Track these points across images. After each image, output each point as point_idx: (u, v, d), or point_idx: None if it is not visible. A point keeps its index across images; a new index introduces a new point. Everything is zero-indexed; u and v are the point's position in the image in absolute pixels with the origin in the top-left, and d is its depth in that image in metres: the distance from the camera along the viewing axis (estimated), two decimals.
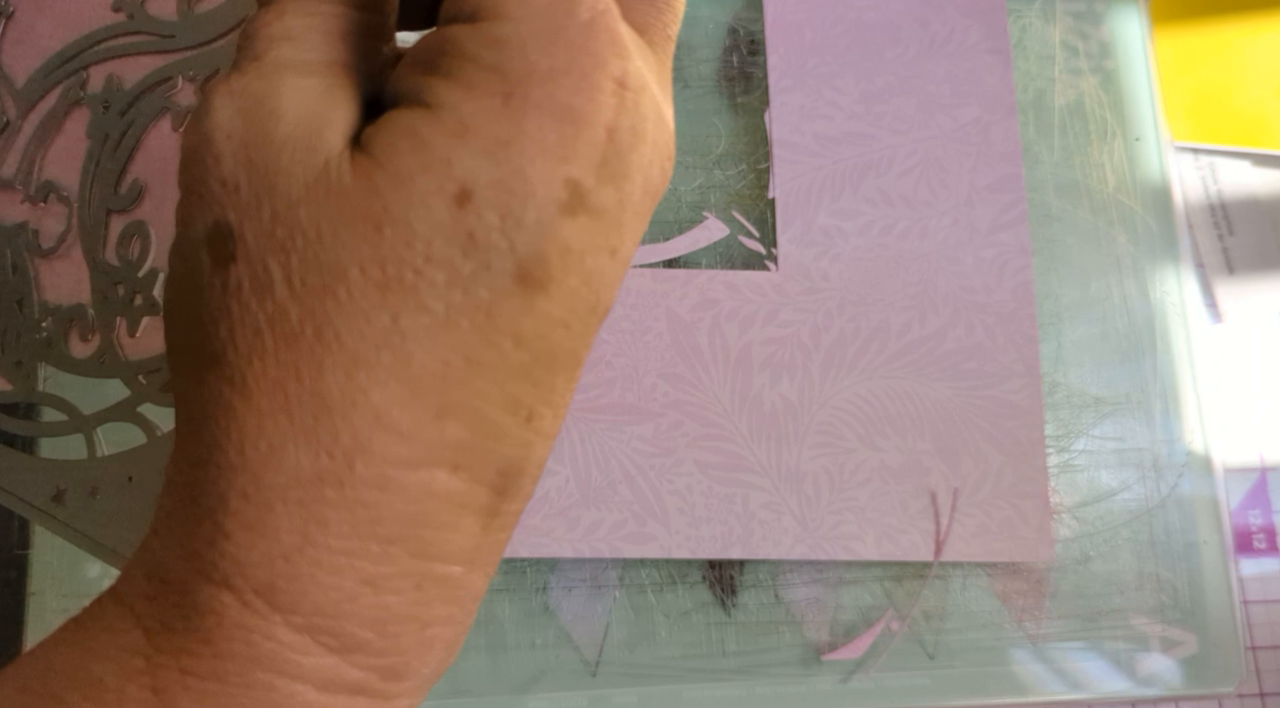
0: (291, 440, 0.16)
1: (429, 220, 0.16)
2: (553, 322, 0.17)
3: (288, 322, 0.16)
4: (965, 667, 0.37)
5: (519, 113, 0.16)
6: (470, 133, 0.16)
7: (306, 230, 0.16)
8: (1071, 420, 0.39)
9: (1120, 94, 0.42)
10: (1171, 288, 0.40)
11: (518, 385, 0.17)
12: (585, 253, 0.17)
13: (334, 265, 0.16)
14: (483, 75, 0.17)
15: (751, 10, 0.41)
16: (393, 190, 0.16)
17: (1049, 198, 0.40)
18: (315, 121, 0.17)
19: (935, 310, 0.38)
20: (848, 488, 0.36)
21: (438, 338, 0.16)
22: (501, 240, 0.16)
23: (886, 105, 0.40)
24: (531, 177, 0.16)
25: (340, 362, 0.16)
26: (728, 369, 0.37)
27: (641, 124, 0.18)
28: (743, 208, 0.39)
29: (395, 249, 0.16)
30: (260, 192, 0.16)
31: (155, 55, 0.26)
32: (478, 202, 0.16)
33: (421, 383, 0.16)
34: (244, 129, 0.17)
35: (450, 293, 0.16)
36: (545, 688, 0.35)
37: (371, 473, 0.16)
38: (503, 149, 0.16)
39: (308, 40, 0.18)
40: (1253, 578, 0.40)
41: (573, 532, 0.35)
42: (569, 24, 0.17)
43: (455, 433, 0.17)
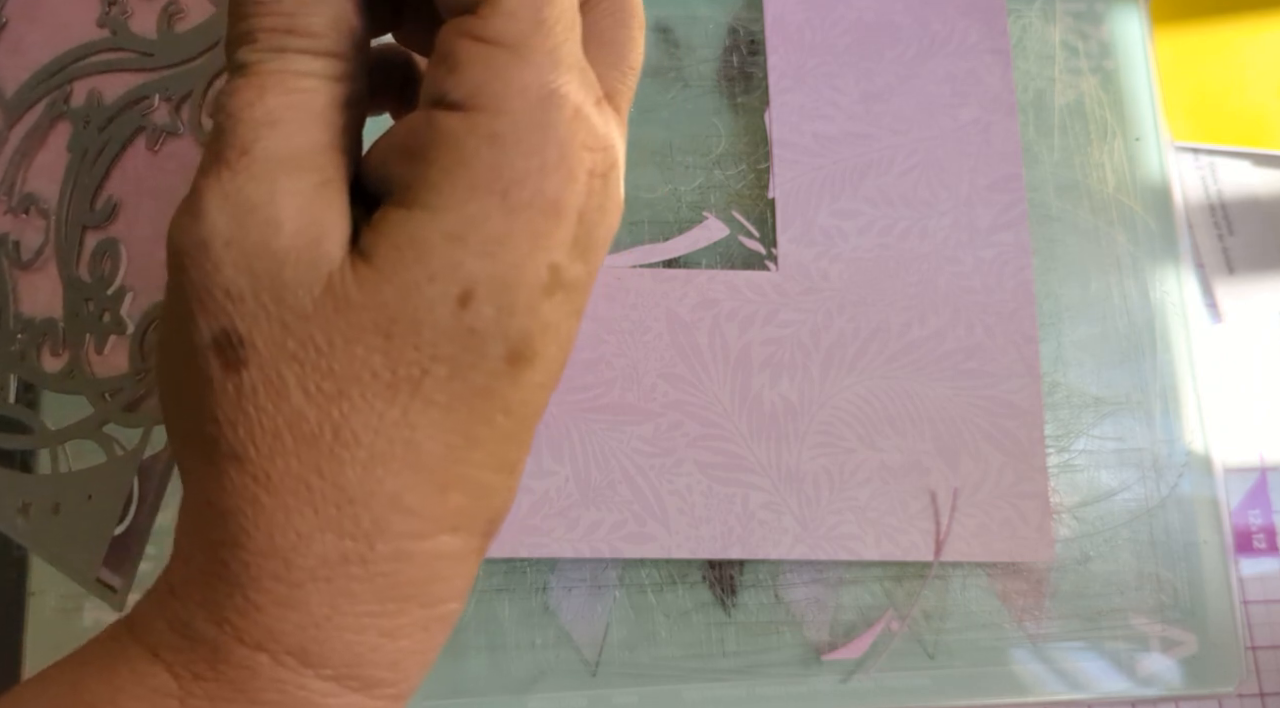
0: (318, 529, 0.17)
1: (435, 325, 0.17)
2: (535, 387, 0.19)
3: (306, 424, 0.17)
4: (965, 667, 0.37)
5: (514, 210, 0.17)
6: (470, 235, 0.17)
7: (318, 342, 0.17)
8: (1071, 420, 0.39)
9: (1120, 94, 0.42)
10: (1171, 288, 0.40)
11: (506, 447, 0.19)
12: (560, 323, 0.18)
13: (347, 373, 0.17)
14: (484, 174, 0.17)
15: (751, 10, 0.41)
16: (400, 301, 0.17)
17: (1049, 198, 0.40)
18: (313, 231, 0.17)
19: (935, 310, 0.38)
20: (848, 488, 0.36)
21: (441, 424, 0.18)
22: (495, 329, 0.18)
23: (886, 105, 0.40)
24: (523, 268, 0.18)
25: (358, 457, 0.17)
26: (728, 369, 0.37)
27: (608, 202, 0.19)
28: (743, 208, 0.39)
29: (404, 353, 0.17)
30: (267, 303, 0.17)
31: (135, 73, 0.26)
32: (478, 299, 0.17)
33: (428, 466, 0.18)
34: (242, 238, 0.17)
35: (452, 384, 0.18)
36: (545, 688, 0.35)
37: (390, 549, 0.18)
38: (499, 246, 0.17)
39: (292, 124, 0.18)
40: (1253, 578, 0.40)
41: (573, 532, 0.35)
42: (558, 119, 0.18)
43: (456, 502, 0.18)
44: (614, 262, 0.38)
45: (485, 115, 0.17)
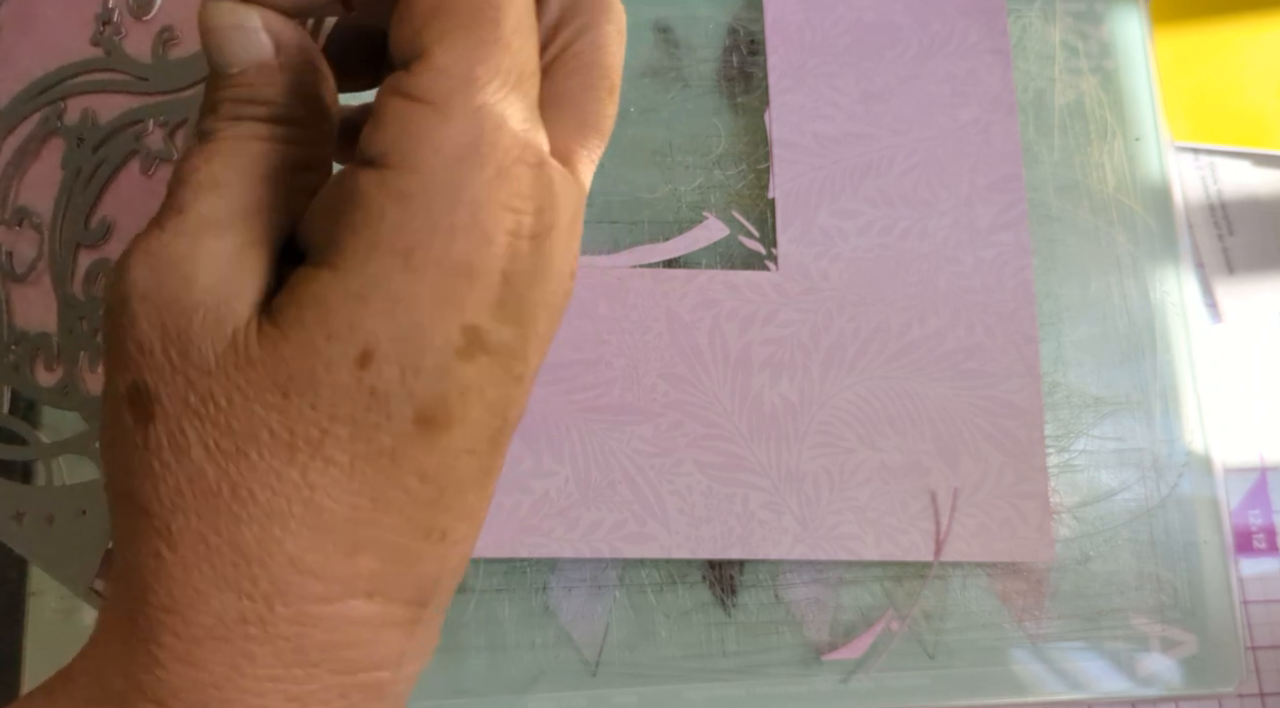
0: (215, 587, 0.17)
1: (333, 385, 0.17)
2: (457, 452, 0.18)
3: (205, 480, 0.17)
4: (965, 667, 0.37)
5: (418, 271, 0.17)
6: (372, 295, 0.17)
7: (218, 399, 0.17)
8: (1071, 420, 0.39)
9: (1120, 94, 0.42)
10: (1171, 288, 0.40)
11: (427, 514, 0.18)
12: (486, 387, 0.18)
13: (245, 431, 0.17)
14: (386, 233, 0.17)
15: (751, 10, 0.41)
16: (298, 360, 0.17)
17: (1049, 198, 0.40)
18: (224, 289, 0.18)
19: (935, 310, 0.38)
20: (848, 488, 0.36)
21: (345, 486, 0.17)
22: (401, 390, 0.17)
23: (886, 105, 0.40)
24: (429, 329, 0.17)
25: (255, 516, 0.17)
26: (728, 369, 0.37)
27: (543, 265, 0.18)
28: (743, 208, 0.39)
29: (302, 412, 0.17)
30: (175, 358, 0.17)
31: (129, 95, 0.26)
32: (378, 359, 0.17)
33: (332, 527, 0.18)
34: (156, 292, 0.18)
35: (354, 445, 0.17)
36: (545, 688, 0.35)
37: (290, 611, 0.17)
38: (402, 307, 0.17)
39: (234, 186, 0.18)
40: (1253, 578, 0.40)
41: (573, 532, 0.35)
42: (475, 179, 0.17)
43: (368, 565, 0.18)
44: (614, 262, 0.38)
45: (396, 172, 0.17)
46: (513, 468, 0.36)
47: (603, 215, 0.39)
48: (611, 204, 0.39)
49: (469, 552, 0.20)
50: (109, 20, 0.26)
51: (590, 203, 0.39)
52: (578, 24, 0.20)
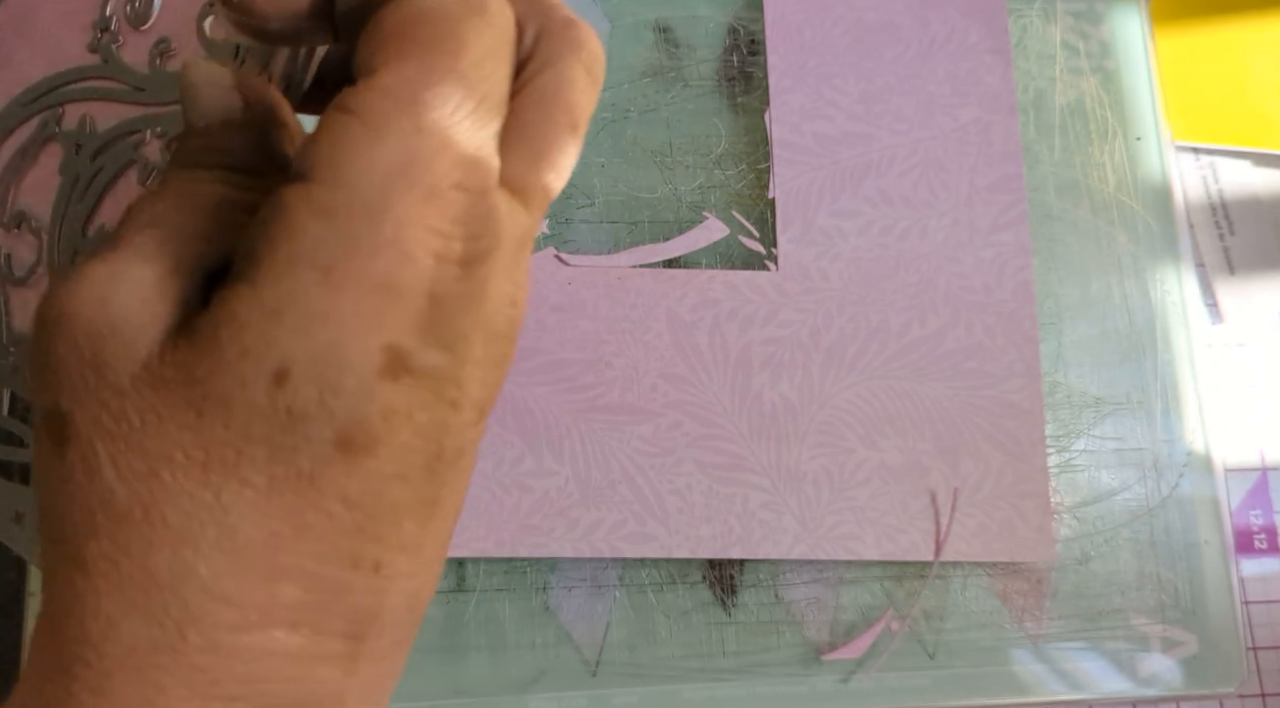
0: (125, 614, 0.17)
1: (247, 404, 0.17)
2: (385, 477, 0.18)
3: (117, 503, 0.17)
4: (965, 667, 0.37)
5: (337, 288, 0.17)
6: (287, 310, 0.17)
7: (132, 419, 0.17)
8: (1071, 420, 0.39)
9: (1121, 94, 0.42)
10: (1172, 288, 0.40)
11: (354, 542, 0.18)
12: (414, 411, 0.18)
13: (158, 451, 0.17)
14: (306, 248, 0.17)
15: (751, 10, 0.41)
16: (212, 378, 0.17)
17: (1049, 198, 0.40)
18: (141, 312, 0.17)
19: (935, 310, 0.38)
20: (848, 488, 0.36)
21: (262, 509, 0.17)
22: (320, 412, 0.17)
23: (886, 105, 0.40)
24: (348, 347, 0.17)
25: (167, 540, 0.17)
26: (728, 369, 0.37)
27: (476, 291, 0.18)
28: (743, 208, 0.39)
29: (215, 432, 0.17)
30: (90, 379, 0.17)
31: (127, 104, 0.26)
32: (295, 378, 0.17)
33: (248, 552, 0.17)
34: (75, 314, 0.17)
35: (271, 467, 0.17)
36: (545, 688, 0.35)
37: (203, 640, 0.17)
38: (319, 324, 0.17)
39: (173, 223, 0.18)
40: (1253, 578, 0.40)
41: (573, 532, 0.35)
42: (402, 198, 0.17)
43: (289, 594, 0.17)
44: (614, 261, 0.38)
45: (322, 187, 0.17)
46: (513, 468, 0.36)
47: (603, 215, 0.39)
48: (611, 204, 0.39)
49: (419, 588, 0.19)
50: (107, 28, 0.26)
51: (590, 203, 0.39)
52: (543, 58, 0.20)
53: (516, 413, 0.36)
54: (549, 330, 0.37)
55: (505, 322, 0.19)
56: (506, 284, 0.19)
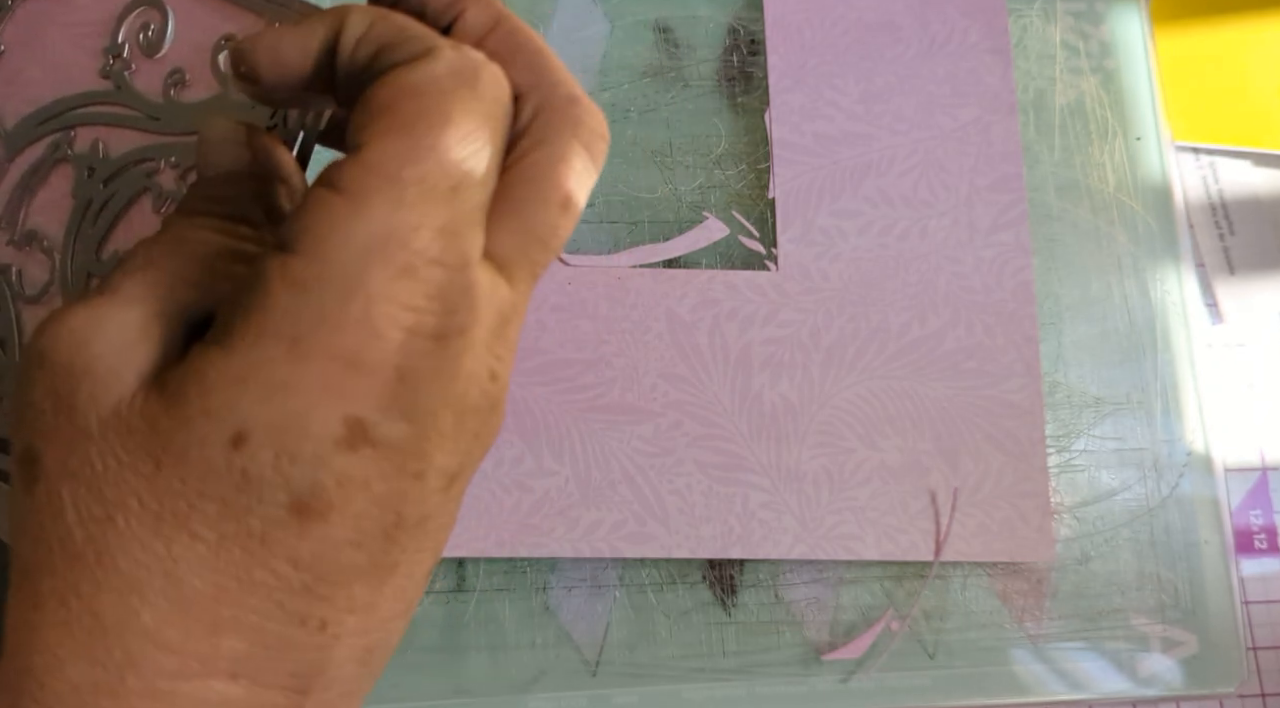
0: (71, 653, 0.17)
1: (203, 462, 0.17)
2: (337, 543, 0.18)
3: (74, 545, 0.17)
4: (965, 667, 0.37)
5: (302, 359, 0.17)
6: (252, 378, 0.17)
7: (95, 463, 0.17)
8: (1071, 420, 0.39)
9: (1121, 94, 0.42)
10: (1172, 288, 0.40)
11: (300, 601, 0.18)
12: (372, 481, 0.18)
13: (116, 498, 0.17)
14: (276, 318, 0.17)
15: (751, 10, 0.41)
16: (172, 433, 0.17)
17: (1049, 198, 0.40)
18: (116, 357, 0.18)
19: (935, 310, 0.38)
20: (848, 488, 0.36)
21: (210, 563, 0.17)
22: (275, 476, 0.17)
23: (886, 105, 0.40)
24: (308, 417, 0.17)
25: (115, 585, 0.17)
26: (728, 369, 0.37)
27: (448, 366, 0.18)
28: (743, 208, 0.39)
29: (170, 485, 0.17)
30: (61, 421, 0.18)
31: (140, 132, 0.26)
32: (253, 443, 0.17)
33: (194, 603, 0.17)
34: (53, 357, 0.18)
35: (222, 524, 0.17)
36: (545, 688, 0.35)
37: (143, 685, 0.17)
38: (281, 393, 0.17)
39: (163, 263, 0.19)
40: (1253, 578, 0.40)
41: (573, 532, 0.35)
42: (378, 275, 0.17)
43: (231, 646, 0.18)
44: (614, 261, 0.38)
45: (298, 259, 0.17)
46: (513, 468, 0.36)
47: (603, 215, 0.39)
48: (611, 204, 0.39)
49: (372, 643, 0.19)
50: (119, 54, 0.26)
51: (590, 203, 0.39)
52: (540, 133, 0.20)
53: (516, 413, 0.36)
54: (549, 330, 0.37)
55: (481, 395, 0.19)
56: (485, 358, 0.19)
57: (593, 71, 0.40)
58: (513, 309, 0.20)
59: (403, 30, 0.19)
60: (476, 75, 0.19)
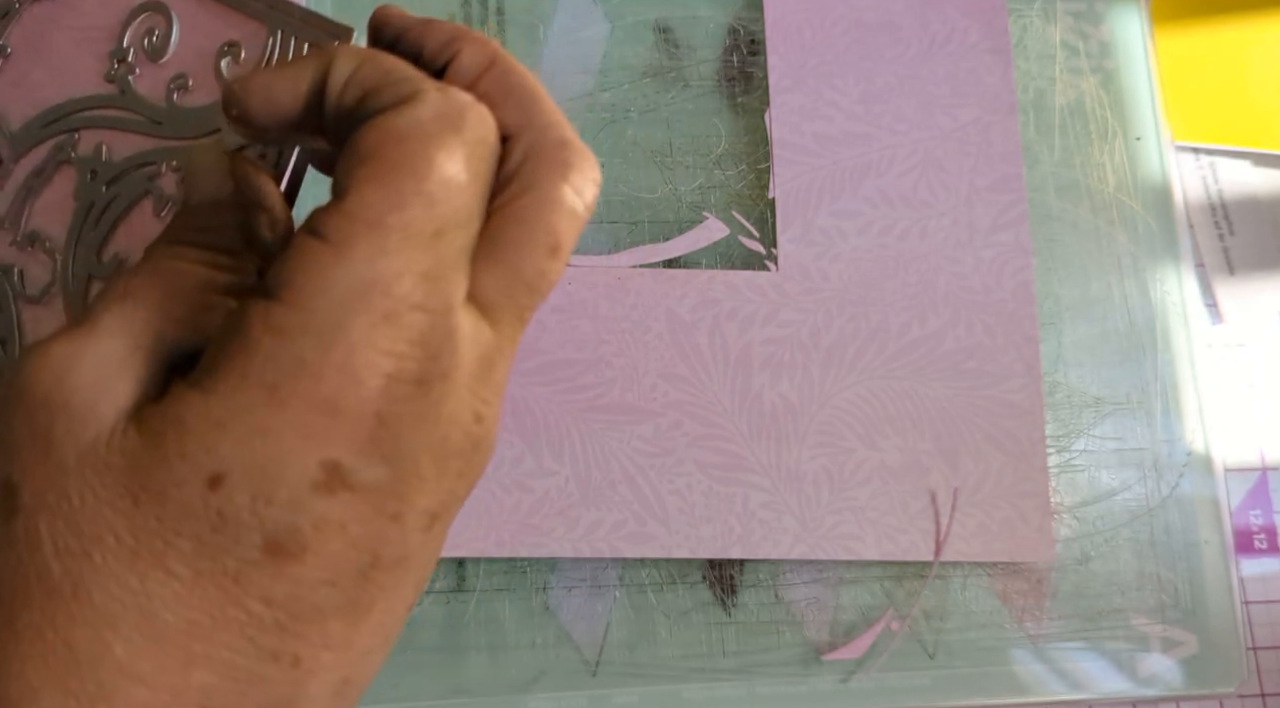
0: (46, 683, 0.17)
1: (180, 501, 0.17)
2: (311, 583, 0.18)
3: (51, 578, 0.18)
4: (965, 667, 0.37)
5: (281, 406, 0.17)
6: (232, 422, 0.17)
7: (72, 498, 0.18)
8: (1071, 420, 0.39)
9: (1120, 94, 0.42)
10: (1172, 288, 0.40)
11: (273, 638, 0.18)
12: (349, 523, 0.18)
13: (93, 533, 0.18)
14: (257, 364, 0.18)
15: (751, 10, 0.41)
16: (150, 471, 0.18)
17: (1049, 198, 0.40)
18: (94, 392, 0.18)
19: (935, 310, 0.38)
20: (848, 488, 0.36)
21: (184, 599, 0.18)
22: (251, 518, 0.18)
23: (886, 105, 0.40)
24: (285, 461, 0.18)
25: (90, 618, 0.17)
26: (728, 369, 0.37)
27: (429, 410, 0.18)
28: (743, 208, 0.39)
29: (147, 523, 0.18)
30: (39, 455, 0.18)
31: (142, 136, 0.26)
32: (229, 485, 0.17)
33: (167, 638, 0.18)
34: (32, 390, 0.18)
35: (197, 561, 0.18)
36: (545, 688, 0.35)
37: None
38: (259, 438, 0.17)
39: (143, 295, 0.19)
40: (1253, 578, 0.40)
41: (573, 532, 0.35)
42: (357, 323, 0.18)
43: (202, 679, 0.18)
44: (614, 262, 0.38)
45: (281, 306, 0.18)
46: (513, 468, 0.36)
47: (603, 215, 0.39)
48: (611, 204, 0.39)
49: (348, 676, 0.19)
50: (123, 58, 0.26)
51: None
52: (530, 177, 0.20)
53: (516, 413, 0.36)
54: (549, 330, 0.37)
55: (464, 437, 0.19)
56: (469, 401, 0.19)
57: (593, 71, 0.40)
58: (498, 352, 0.20)
59: (388, 73, 0.19)
60: (461, 118, 0.19)
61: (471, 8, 0.40)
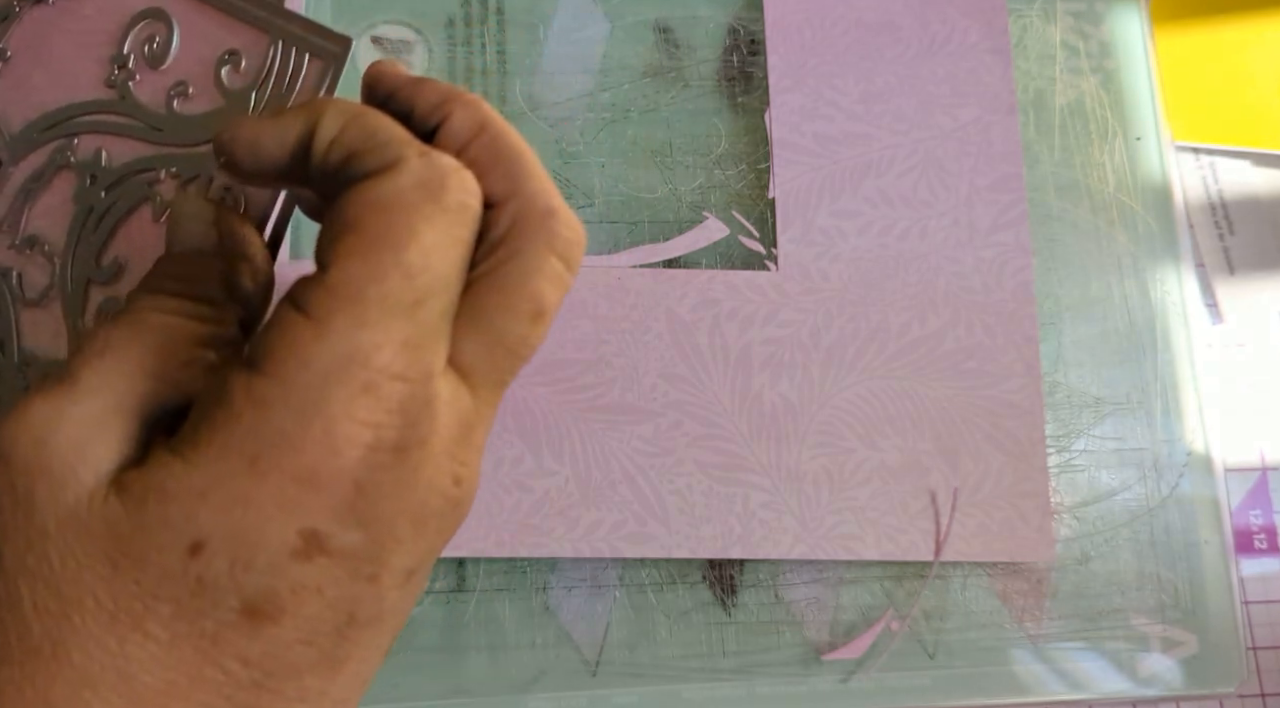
0: None
1: (160, 567, 0.18)
2: (287, 643, 0.18)
3: (31, 637, 0.18)
4: (965, 667, 0.37)
5: (261, 477, 0.18)
6: (212, 492, 0.18)
7: (52, 561, 0.18)
8: (1071, 420, 0.39)
9: (1120, 94, 0.42)
10: (1172, 288, 0.40)
11: (249, 695, 0.19)
12: (325, 586, 0.18)
13: (73, 595, 0.18)
14: (238, 436, 0.18)
15: (751, 10, 0.41)
16: (131, 538, 0.18)
17: (1049, 198, 0.40)
18: (74, 456, 0.18)
19: (935, 310, 0.38)
20: (848, 488, 0.36)
21: (161, 660, 0.18)
22: (229, 583, 0.18)
23: (886, 105, 0.40)
24: (264, 530, 0.18)
25: (69, 678, 0.18)
26: (728, 369, 0.37)
27: (407, 476, 0.19)
28: (743, 208, 0.39)
29: (126, 586, 0.18)
30: (20, 519, 0.18)
31: (142, 142, 0.26)
32: (209, 551, 0.18)
33: (144, 697, 0.18)
34: (11, 455, 0.18)
35: (175, 624, 0.18)
36: (545, 688, 0.35)
37: None
38: (239, 507, 0.18)
39: (123, 351, 0.19)
40: (1253, 578, 0.40)
41: (573, 532, 0.35)
42: (337, 394, 0.18)
43: None
44: (614, 262, 0.38)
45: (263, 378, 0.18)
46: (513, 468, 0.36)
47: (603, 215, 0.39)
48: (611, 204, 0.39)
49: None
50: (124, 64, 0.27)
51: (590, 203, 0.39)
52: (515, 245, 0.20)
53: (516, 413, 0.36)
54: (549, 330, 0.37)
55: (443, 500, 0.19)
56: (448, 465, 0.19)
57: (593, 71, 0.40)
58: (477, 417, 0.20)
59: (373, 136, 0.19)
60: (443, 186, 0.19)
61: (471, 7, 0.40)
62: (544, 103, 0.39)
